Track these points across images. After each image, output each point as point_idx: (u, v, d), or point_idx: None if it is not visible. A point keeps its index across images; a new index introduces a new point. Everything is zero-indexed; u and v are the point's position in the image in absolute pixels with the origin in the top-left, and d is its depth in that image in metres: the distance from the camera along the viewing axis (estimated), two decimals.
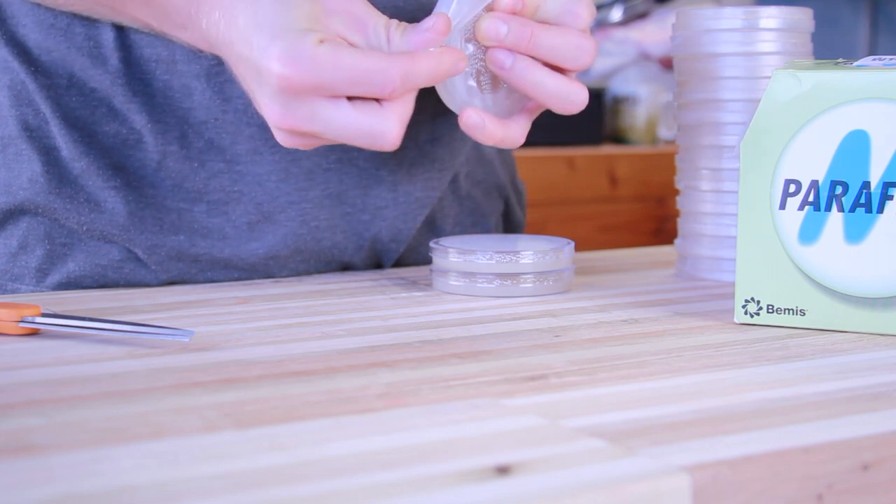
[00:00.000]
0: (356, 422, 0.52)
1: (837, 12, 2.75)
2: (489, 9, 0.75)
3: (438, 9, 0.75)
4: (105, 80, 0.84)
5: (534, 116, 0.79)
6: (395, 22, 0.72)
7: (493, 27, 0.75)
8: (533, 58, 0.75)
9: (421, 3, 0.85)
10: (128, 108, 0.84)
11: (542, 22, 0.77)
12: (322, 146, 0.85)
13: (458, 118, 0.76)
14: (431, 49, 0.71)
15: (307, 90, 0.69)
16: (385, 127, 0.70)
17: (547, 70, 0.76)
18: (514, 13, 0.75)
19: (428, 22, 0.72)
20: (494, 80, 0.78)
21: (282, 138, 0.73)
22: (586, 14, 0.77)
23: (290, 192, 0.85)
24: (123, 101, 0.84)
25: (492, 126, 0.76)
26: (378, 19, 0.72)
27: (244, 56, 0.70)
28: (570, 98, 0.76)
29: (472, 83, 0.77)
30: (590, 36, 0.77)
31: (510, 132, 0.77)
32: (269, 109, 0.70)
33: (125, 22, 0.81)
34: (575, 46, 0.76)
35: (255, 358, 0.63)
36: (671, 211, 1.41)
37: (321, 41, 0.69)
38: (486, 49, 0.76)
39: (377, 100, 0.70)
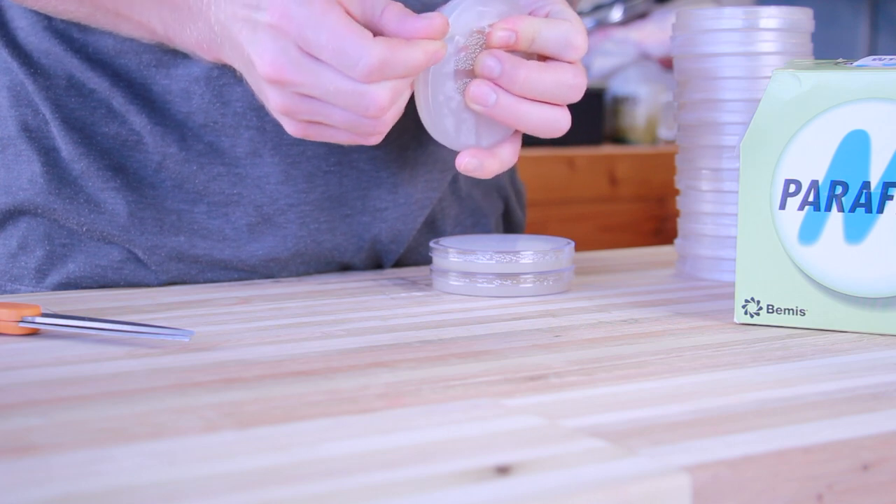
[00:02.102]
0: (356, 422, 0.52)
1: (837, 12, 2.75)
2: (486, 41, 0.75)
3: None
4: (104, 83, 0.84)
5: (520, 135, 0.80)
6: (395, 4, 0.72)
7: (488, 66, 0.75)
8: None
9: (424, 3, 0.85)
10: (127, 109, 0.84)
11: (539, 53, 0.76)
12: (322, 147, 0.85)
13: (456, 164, 0.77)
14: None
15: (290, 31, 0.69)
16: (373, 89, 0.70)
17: (530, 102, 0.76)
18: (509, 47, 0.75)
19: (428, 16, 0.71)
20: None
21: (278, 102, 0.72)
22: (582, 45, 0.76)
23: (290, 194, 0.85)
24: (123, 103, 0.84)
25: (488, 162, 0.77)
26: None
27: (241, 17, 0.71)
28: (556, 126, 0.77)
29: (464, 117, 0.77)
30: (582, 70, 0.77)
31: (504, 158, 0.78)
32: (261, 58, 0.70)
33: (124, 31, 0.81)
34: (567, 87, 0.76)
35: (255, 358, 0.63)
36: (671, 211, 1.41)
37: None
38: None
39: None
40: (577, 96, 0.77)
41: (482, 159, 0.77)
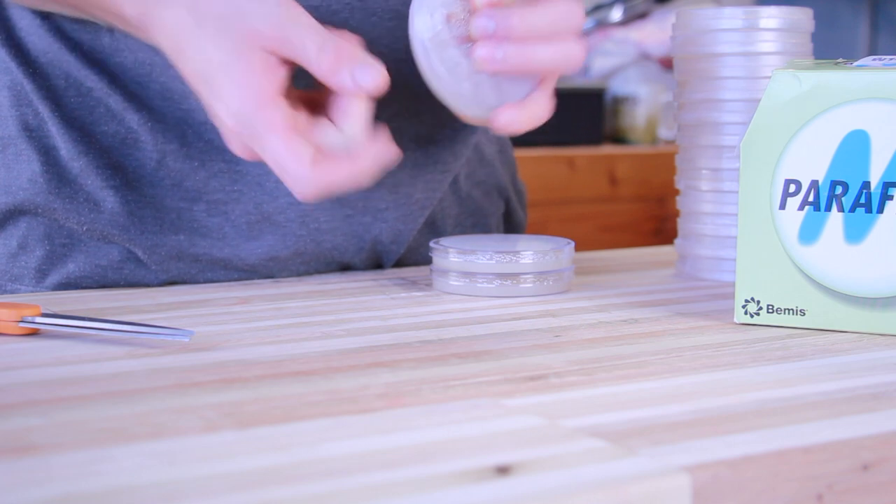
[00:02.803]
0: (356, 422, 0.52)
1: (837, 12, 2.75)
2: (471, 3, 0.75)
3: (412, 25, 0.74)
4: (102, 82, 0.84)
5: (550, 84, 0.77)
6: (325, 50, 0.71)
7: (482, 27, 0.74)
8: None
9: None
10: (125, 107, 0.84)
11: None
12: None
13: (493, 125, 0.75)
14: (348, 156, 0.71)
15: (245, 137, 0.71)
16: (317, 177, 0.70)
17: (536, 44, 0.74)
18: (495, 2, 0.74)
19: (362, 70, 0.71)
20: None
21: (235, 145, 0.73)
22: None
23: (289, 193, 0.85)
24: (121, 101, 0.84)
25: (521, 117, 0.75)
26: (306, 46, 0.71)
27: (196, 72, 0.72)
28: (570, 58, 0.75)
29: (479, 79, 0.76)
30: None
31: (535, 111, 0.76)
32: (221, 123, 0.72)
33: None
34: (565, 15, 0.74)
35: (255, 358, 0.63)
36: (671, 211, 1.41)
37: (267, 97, 0.69)
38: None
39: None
40: (579, 22, 0.75)
41: (514, 116, 0.75)
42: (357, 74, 0.70)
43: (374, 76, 0.70)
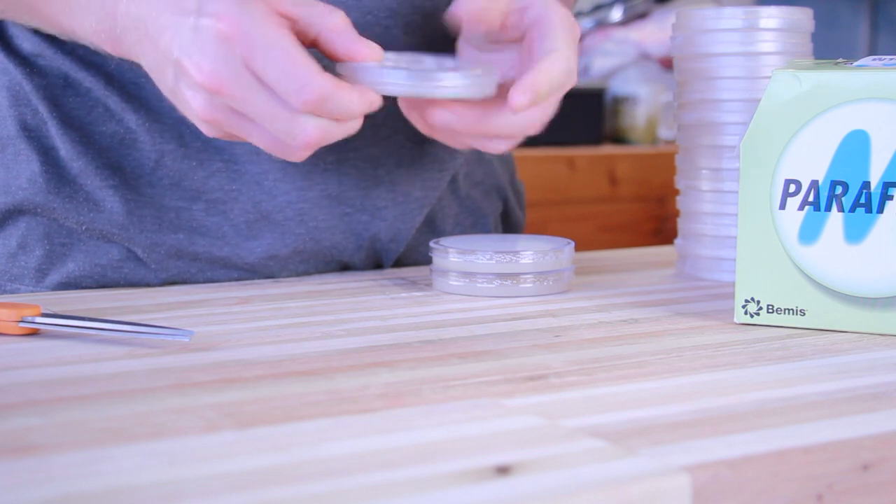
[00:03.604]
0: (356, 422, 0.52)
1: (837, 12, 2.75)
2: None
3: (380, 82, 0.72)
4: (100, 82, 0.84)
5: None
6: (337, 22, 0.71)
7: (444, 120, 0.75)
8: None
9: (416, 6, 0.85)
10: (123, 108, 0.84)
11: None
12: (320, 148, 0.85)
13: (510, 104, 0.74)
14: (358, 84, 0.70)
15: (239, 43, 0.67)
16: (306, 121, 0.69)
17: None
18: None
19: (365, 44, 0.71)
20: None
21: (205, 110, 0.70)
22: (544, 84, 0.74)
23: (288, 191, 0.85)
24: (119, 101, 0.84)
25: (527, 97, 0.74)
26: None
27: (171, 21, 0.69)
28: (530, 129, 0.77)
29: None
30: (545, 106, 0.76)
31: (544, 81, 0.74)
32: (199, 66, 0.68)
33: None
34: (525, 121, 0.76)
35: (255, 358, 0.63)
36: (671, 211, 1.41)
37: (272, 13, 0.68)
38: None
39: None
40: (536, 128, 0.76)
41: (525, 93, 0.73)
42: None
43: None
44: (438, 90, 0.73)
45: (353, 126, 0.71)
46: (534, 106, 0.73)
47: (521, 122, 0.75)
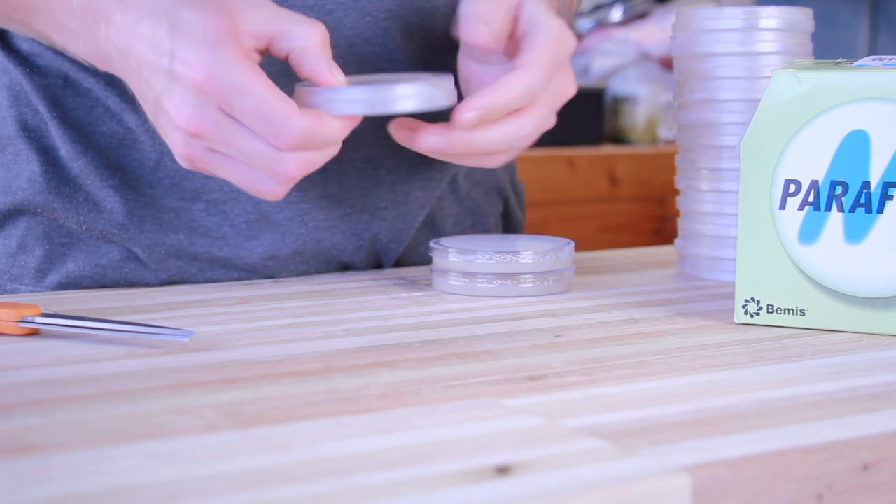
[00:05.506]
0: (356, 422, 0.52)
1: (837, 12, 2.75)
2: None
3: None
4: (98, 83, 0.84)
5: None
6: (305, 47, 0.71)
7: (430, 143, 0.76)
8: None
9: (416, 7, 0.85)
10: (123, 108, 0.84)
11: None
12: None
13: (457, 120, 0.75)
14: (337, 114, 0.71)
15: (213, 94, 0.67)
16: (289, 157, 0.69)
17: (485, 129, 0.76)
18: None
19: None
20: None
21: (183, 150, 0.70)
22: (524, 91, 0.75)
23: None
24: (119, 101, 0.84)
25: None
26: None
27: (148, 60, 0.69)
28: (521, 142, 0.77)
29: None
30: (538, 114, 0.77)
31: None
32: (179, 110, 0.68)
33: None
34: (514, 139, 0.76)
35: (255, 358, 0.63)
36: (671, 211, 1.41)
37: (242, 57, 0.68)
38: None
39: None
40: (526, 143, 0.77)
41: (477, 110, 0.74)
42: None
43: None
44: (396, 102, 0.73)
45: (334, 150, 0.72)
46: (482, 124, 0.74)
47: (511, 137, 0.76)
